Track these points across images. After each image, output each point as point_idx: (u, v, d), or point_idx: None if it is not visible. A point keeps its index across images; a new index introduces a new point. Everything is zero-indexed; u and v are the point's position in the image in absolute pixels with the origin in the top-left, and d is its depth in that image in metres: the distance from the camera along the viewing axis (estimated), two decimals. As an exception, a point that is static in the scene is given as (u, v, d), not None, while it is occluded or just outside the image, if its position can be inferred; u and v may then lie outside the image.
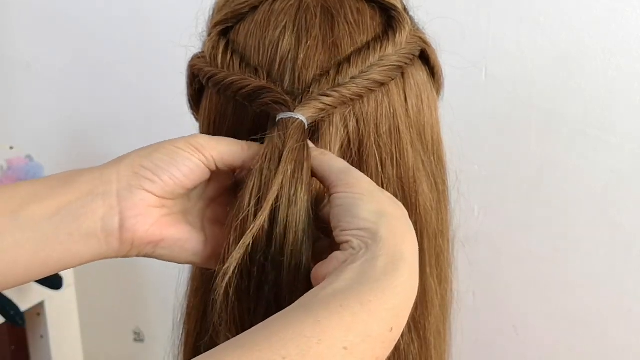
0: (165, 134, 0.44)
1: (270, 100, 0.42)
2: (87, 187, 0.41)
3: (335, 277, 0.36)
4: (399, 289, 0.36)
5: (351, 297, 0.35)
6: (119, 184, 0.41)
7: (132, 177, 0.41)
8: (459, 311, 0.55)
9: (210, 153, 0.42)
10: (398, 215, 0.40)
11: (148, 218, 0.41)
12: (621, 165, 0.99)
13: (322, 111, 0.43)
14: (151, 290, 1.40)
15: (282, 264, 0.40)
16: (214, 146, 0.42)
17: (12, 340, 1.30)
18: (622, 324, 1.04)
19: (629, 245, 1.01)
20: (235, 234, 0.40)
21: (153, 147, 0.42)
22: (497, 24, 1.00)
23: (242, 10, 0.47)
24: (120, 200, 0.41)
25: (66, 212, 0.40)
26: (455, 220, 0.53)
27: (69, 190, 0.40)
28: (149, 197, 0.41)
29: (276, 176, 0.40)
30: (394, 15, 0.47)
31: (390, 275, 0.36)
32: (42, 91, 1.38)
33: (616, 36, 0.95)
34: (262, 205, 0.39)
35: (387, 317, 0.35)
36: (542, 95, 1.00)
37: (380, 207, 0.39)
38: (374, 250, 0.37)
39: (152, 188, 0.41)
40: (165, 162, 0.41)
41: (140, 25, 1.26)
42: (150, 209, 0.41)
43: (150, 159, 0.41)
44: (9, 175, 1.18)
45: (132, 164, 0.41)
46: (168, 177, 0.41)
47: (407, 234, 0.40)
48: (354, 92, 0.44)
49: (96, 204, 0.40)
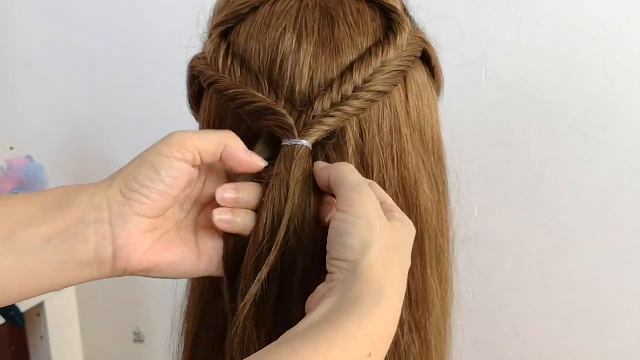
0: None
1: (274, 124, 0.43)
2: (78, 213, 0.40)
3: (313, 312, 0.37)
4: (377, 315, 0.36)
5: (327, 326, 0.35)
6: (110, 211, 0.41)
7: (122, 203, 0.41)
8: (459, 311, 0.55)
9: (192, 147, 0.41)
10: (390, 245, 0.39)
11: (141, 246, 0.42)
12: (621, 165, 0.99)
13: (326, 132, 0.43)
14: (151, 290, 1.40)
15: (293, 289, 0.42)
16: (196, 139, 0.42)
17: (12, 341, 1.30)
18: (622, 324, 1.04)
19: (629, 245, 1.01)
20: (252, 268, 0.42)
21: (137, 161, 0.42)
22: (497, 24, 1.00)
23: (242, 11, 0.47)
24: (114, 229, 0.41)
25: (59, 241, 0.40)
26: (455, 220, 0.53)
27: (61, 216, 0.40)
28: (142, 222, 0.41)
29: (285, 212, 0.42)
30: (394, 17, 0.47)
31: (368, 302, 0.36)
32: (42, 92, 1.38)
33: (616, 36, 0.95)
34: (275, 240, 0.41)
35: (364, 342, 0.35)
36: (542, 96, 1.00)
37: (371, 235, 0.39)
38: (352, 283, 0.37)
39: (144, 210, 0.41)
40: (150, 179, 0.41)
41: (140, 25, 1.26)
42: (143, 236, 0.42)
43: (136, 179, 0.41)
44: (9, 176, 1.18)
45: (119, 188, 0.41)
46: (156, 195, 0.41)
47: (394, 265, 0.39)
48: (357, 108, 0.44)
49: (88, 231, 0.40)
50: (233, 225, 0.43)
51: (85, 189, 0.41)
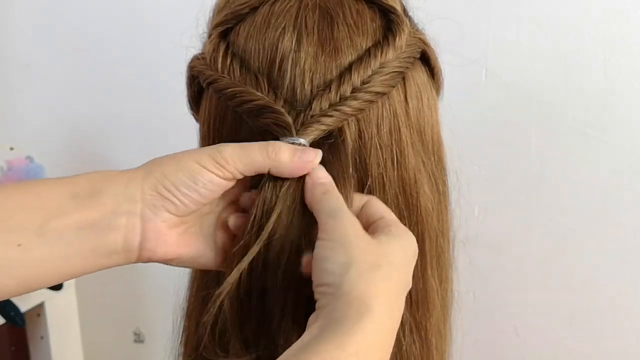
0: (165, 135, 0.44)
1: (272, 122, 0.43)
2: (111, 203, 0.41)
3: (299, 340, 0.37)
4: (360, 334, 0.36)
5: (310, 350, 0.35)
6: (143, 203, 0.42)
7: (156, 198, 0.42)
8: (459, 311, 0.55)
9: (234, 167, 0.42)
10: (373, 263, 0.39)
11: (168, 239, 0.43)
12: (621, 165, 0.99)
13: (324, 132, 0.44)
14: (151, 290, 1.40)
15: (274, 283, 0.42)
16: (237, 160, 0.42)
17: (12, 341, 1.30)
18: (622, 324, 1.04)
19: (629, 245, 1.01)
20: (236, 259, 0.43)
21: (177, 161, 0.42)
22: (497, 24, 1.00)
23: (241, 11, 0.47)
24: (144, 222, 0.42)
25: (91, 229, 0.41)
26: (455, 220, 0.53)
27: (93, 206, 0.41)
28: (171, 219, 0.43)
29: (275, 207, 0.42)
30: (393, 18, 0.46)
31: (350, 321, 0.36)
32: (42, 92, 1.38)
33: (616, 36, 0.95)
34: (262, 233, 0.42)
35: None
36: (542, 96, 1.00)
37: (350, 256, 0.38)
38: (335, 305, 0.37)
39: (174, 210, 0.42)
40: (187, 186, 0.42)
41: (140, 26, 1.26)
42: (170, 230, 0.43)
43: (173, 181, 0.42)
44: (10, 176, 1.18)
45: (156, 184, 0.42)
46: (189, 201, 0.42)
47: (378, 282, 0.39)
48: (355, 108, 0.44)
49: (120, 221, 0.41)
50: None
51: (119, 178, 0.42)
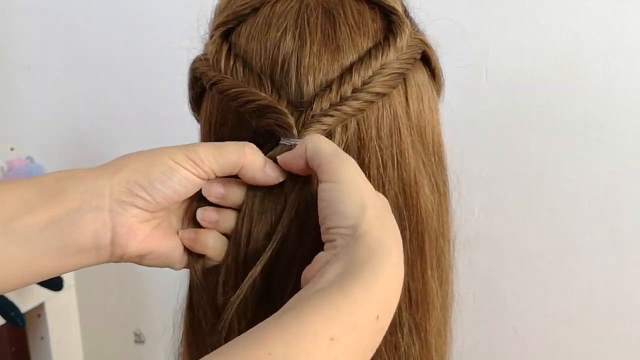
0: (165, 135, 0.44)
1: (274, 123, 0.43)
2: (78, 199, 0.40)
3: (318, 278, 0.37)
4: (382, 277, 0.36)
5: (333, 291, 0.35)
6: (111, 199, 0.41)
7: (125, 194, 0.41)
8: (459, 312, 0.55)
9: (209, 167, 0.42)
10: (379, 205, 0.40)
11: (139, 234, 0.42)
12: (621, 166, 0.99)
13: (324, 132, 0.44)
14: (152, 291, 1.40)
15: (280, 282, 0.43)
16: (212, 160, 0.42)
17: (13, 342, 1.30)
18: (622, 324, 1.04)
19: (628, 245, 1.01)
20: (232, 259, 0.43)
21: (149, 158, 0.42)
22: (497, 24, 1.00)
23: (243, 12, 0.47)
24: (113, 217, 0.41)
25: (57, 227, 0.40)
26: (455, 221, 0.53)
27: (59, 202, 0.40)
28: (141, 214, 0.42)
29: (283, 215, 0.43)
30: (394, 19, 0.46)
31: (372, 264, 0.36)
32: (42, 92, 1.38)
33: (616, 36, 0.95)
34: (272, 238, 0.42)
35: (371, 305, 0.35)
36: (542, 96, 1.00)
37: (363, 198, 0.39)
38: (355, 246, 0.37)
39: (145, 206, 0.41)
40: (161, 182, 0.41)
41: (140, 26, 1.26)
42: (141, 225, 0.42)
43: (146, 177, 0.41)
44: (10, 177, 1.18)
45: (127, 180, 0.41)
46: (161, 198, 0.41)
47: (390, 222, 0.40)
48: (356, 109, 0.44)
49: (87, 218, 0.40)
50: (216, 225, 0.44)
51: (86, 175, 0.41)
